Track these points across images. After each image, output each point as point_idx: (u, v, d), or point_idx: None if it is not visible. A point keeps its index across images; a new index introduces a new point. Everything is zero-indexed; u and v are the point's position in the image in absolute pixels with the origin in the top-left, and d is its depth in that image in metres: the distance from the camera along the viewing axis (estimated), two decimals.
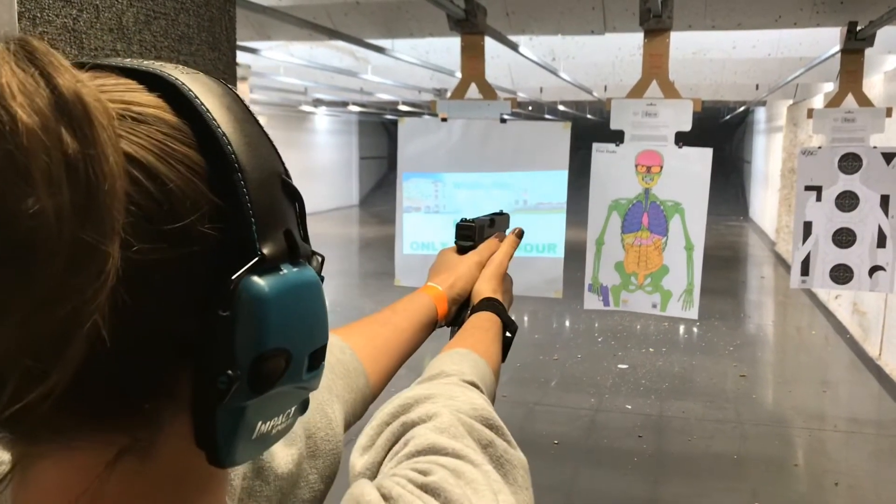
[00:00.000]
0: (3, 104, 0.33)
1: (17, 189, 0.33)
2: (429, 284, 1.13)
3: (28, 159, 0.33)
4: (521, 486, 0.61)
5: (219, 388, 0.42)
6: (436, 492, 0.52)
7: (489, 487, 0.55)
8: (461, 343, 0.95)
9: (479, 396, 0.73)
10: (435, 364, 0.87)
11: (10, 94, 0.34)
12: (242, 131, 0.45)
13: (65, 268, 0.34)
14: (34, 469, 0.43)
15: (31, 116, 0.34)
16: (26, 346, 0.35)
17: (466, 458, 0.58)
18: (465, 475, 0.55)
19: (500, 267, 1.18)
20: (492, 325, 1.05)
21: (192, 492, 0.47)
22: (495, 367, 0.95)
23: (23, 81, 0.35)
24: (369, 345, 0.96)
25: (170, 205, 0.41)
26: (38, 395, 0.36)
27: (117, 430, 0.42)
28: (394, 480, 0.53)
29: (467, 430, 0.64)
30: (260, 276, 0.43)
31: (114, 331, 0.37)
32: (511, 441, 0.66)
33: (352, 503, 0.50)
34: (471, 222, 1.22)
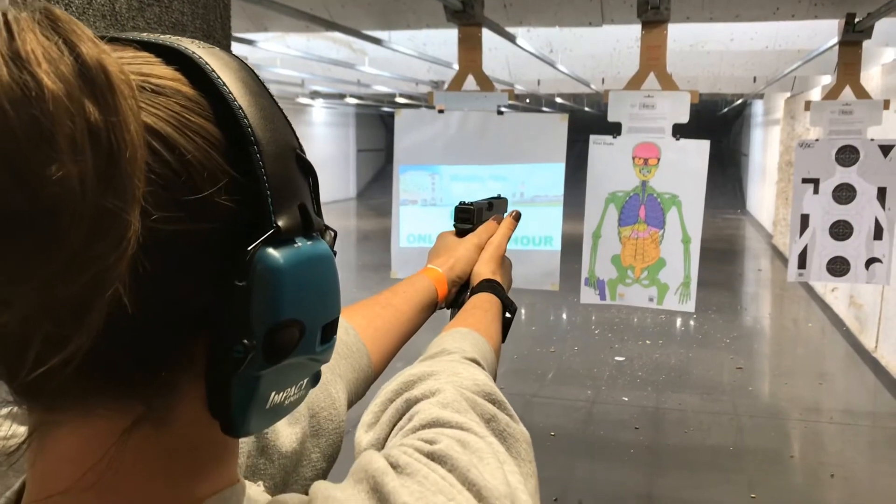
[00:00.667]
0: (29, 70, 0.34)
1: (41, 154, 0.33)
2: (429, 267, 1.15)
3: (53, 125, 0.34)
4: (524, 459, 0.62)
5: (234, 358, 0.43)
6: (442, 459, 0.53)
7: (494, 456, 0.56)
8: (462, 323, 0.96)
9: (481, 372, 0.74)
10: (436, 342, 0.88)
11: (35, 61, 0.34)
12: (258, 105, 0.46)
13: (87, 234, 0.35)
14: (51, 436, 0.43)
15: (56, 83, 0.34)
16: (48, 312, 0.36)
17: (471, 431, 0.59)
18: (471, 445, 0.56)
19: (499, 249, 1.20)
20: (491, 305, 1.06)
21: (206, 461, 0.48)
22: (496, 346, 0.96)
23: (47, 49, 0.35)
24: (370, 326, 0.97)
25: (188, 175, 0.41)
26: (58, 361, 0.37)
27: (134, 398, 0.43)
28: (401, 450, 0.54)
29: (470, 405, 0.64)
30: (275, 248, 0.44)
31: (133, 298, 0.38)
32: (513, 415, 0.66)
33: (360, 471, 0.51)
34: (469, 205, 1.24)
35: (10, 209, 0.34)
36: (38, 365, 0.36)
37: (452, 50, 2.90)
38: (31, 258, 0.34)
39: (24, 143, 0.33)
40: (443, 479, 0.51)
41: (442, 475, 0.51)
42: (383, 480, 0.49)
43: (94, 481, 0.43)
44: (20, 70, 0.34)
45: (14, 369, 0.38)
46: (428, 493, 0.49)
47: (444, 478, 0.51)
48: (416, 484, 0.50)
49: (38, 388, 0.40)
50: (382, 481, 0.49)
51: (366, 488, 0.49)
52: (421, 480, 0.50)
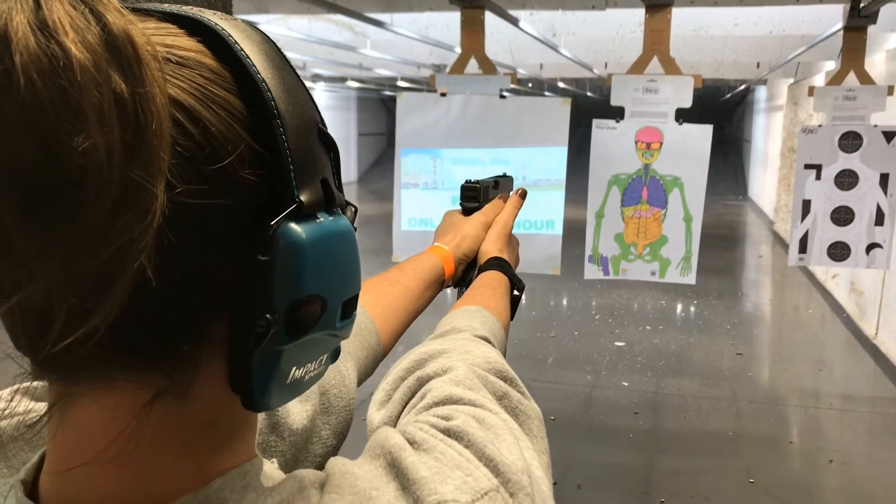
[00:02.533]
0: (57, 40, 0.33)
1: (69, 124, 0.33)
2: (435, 244, 1.14)
3: (80, 95, 0.33)
4: (536, 435, 0.62)
5: (256, 332, 0.43)
6: (458, 435, 0.52)
7: (510, 432, 0.56)
8: (470, 301, 0.96)
9: (491, 350, 0.74)
10: (446, 321, 0.88)
11: (62, 31, 0.34)
12: (281, 78, 0.45)
13: (113, 206, 0.35)
14: (74, 409, 0.43)
15: (84, 53, 0.34)
16: (73, 284, 0.35)
17: (484, 408, 0.59)
18: (486, 421, 0.56)
19: (506, 227, 1.19)
20: (499, 283, 1.06)
21: (226, 435, 0.48)
22: (505, 324, 0.96)
23: (74, 18, 0.34)
24: (379, 304, 0.97)
25: (211, 148, 0.41)
26: (83, 333, 0.36)
27: (156, 371, 0.43)
28: (417, 426, 0.54)
29: (482, 383, 0.64)
30: (298, 222, 0.43)
31: (158, 271, 0.38)
32: (525, 392, 0.66)
33: (377, 447, 0.50)
34: (475, 183, 1.23)
35: (36, 179, 0.34)
36: (62, 337, 0.36)
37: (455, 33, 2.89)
38: (56, 229, 0.34)
39: (51, 113, 0.33)
40: (460, 454, 0.51)
41: (459, 451, 0.51)
42: (401, 456, 0.49)
43: (115, 454, 0.43)
44: (48, 39, 0.33)
45: (38, 342, 0.38)
46: (446, 468, 0.49)
47: (461, 453, 0.51)
48: (433, 459, 0.50)
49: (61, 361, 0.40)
50: (400, 456, 0.49)
51: (383, 464, 0.49)
52: (438, 456, 0.50)
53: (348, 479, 0.47)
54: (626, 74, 2.54)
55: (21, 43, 0.33)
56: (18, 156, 0.33)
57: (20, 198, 0.34)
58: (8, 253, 0.35)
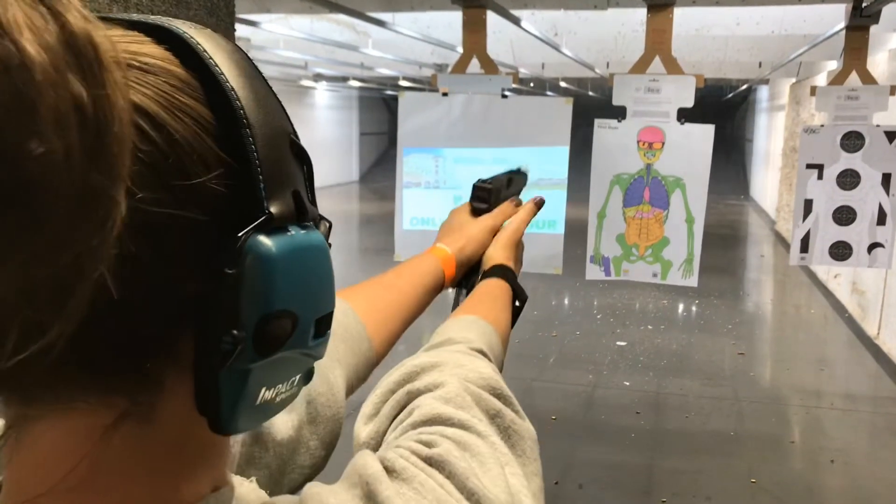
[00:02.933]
0: (11, 38, 0.31)
1: (24, 127, 0.31)
2: (437, 246, 1.10)
3: (36, 96, 0.32)
4: (529, 457, 0.60)
5: (223, 350, 0.41)
6: (440, 464, 0.51)
7: (496, 460, 0.54)
8: (470, 310, 0.93)
9: (487, 365, 0.71)
10: (442, 331, 0.85)
11: (17, 30, 0.32)
12: (251, 87, 0.44)
13: (70, 212, 0.33)
14: (30, 432, 0.42)
15: (40, 53, 0.32)
16: (28, 295, 0.33)
17: (473, 430, 0.57)
18: (471, 447, 0.54)
19: (516, 234, 1.15)
20: (502, 292, 1.02)
21: (193, 461, 0.46)
22: (504, 336, 0.93)
23: (30, 17, 0.33)
24: (373, 308, 0.93)
25: (176, 157, 0.39)
26: (38, 348, 0.34)
27: (117, 392, 0.41)
28: (397, 452, 0.52)
29: (475, 400, 0.62)
30: (267, 235, 0.42)
31: (118, 283, 0.36)
32: (519, 411, 0.64)
33: (354, 475, 0.49)
34: (488, 184, 1.18)
35: None
36: (16, 352, 0.34)
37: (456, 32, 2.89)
38: (9, 237, 0.32)
39: (4, 114, 0.31)
40: (440, 486, 0.49)
41: (440, 482, 0.50)
42: (377, 488, 0.48)
43: (75, 483, 0.41)
44: (1, 38, 0.31)
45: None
46: (424, 501, 0.48)
47: (443, 485, 0.49)
48: (412, 491, 0.48)
49: (16, 378, 0.38)
50: (377, 489, 0.47)
51: (359, 493, 0.48)
52: (417, 487, 0.49)
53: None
54: (627, 74, 2.54)
55: None
56: None
57: None
58: None
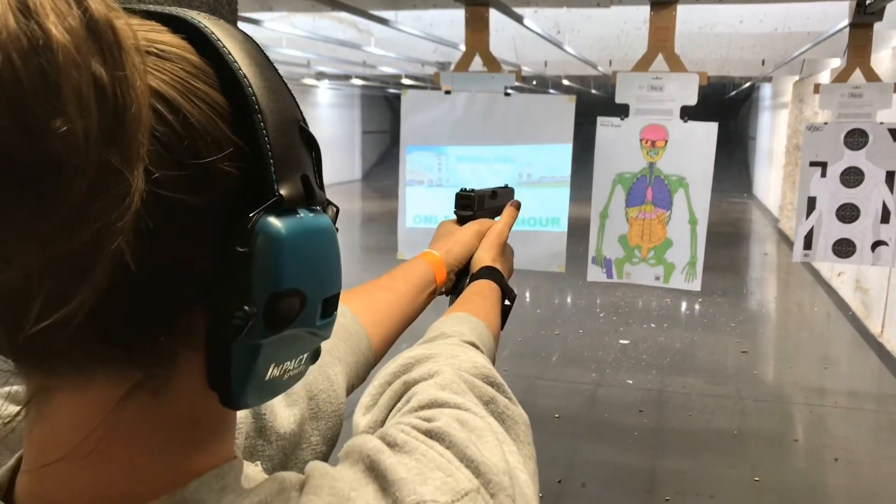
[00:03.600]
0: (37, 21, 0.34)
1: (47, 106, 0.33)
2: (427, 250, 1.14)
3: (60, 77, 0.33)
4: (522, 441, 0.62)
5: (235, 325, 0.43)
6: (440, 436, 0.53)
7: (493, 435, 0.56)
8: (461, 308, 0.96)
9: (479, 355, 0.74)
10: (435, 326, 0.88)
11: (42, 13, 0.34)
12: (263, 75, 0.46)
13: (90, 189, 0.35)
14: (49, 403, 0.43)
15: (64, 35, 0.34)
16: (51, 267, 0.35)
17: (470, 411, 0.59)
18: (469, 423, 0.56)
19: (500, 236, 1.19)
20: (490, 292, 1.05)
21: (204, 434, 0.48)
22: (495, 332, 0.96)
23: (55, 2, 0.35)
24: (370, 309, 0.96)
25: (191, 140, 0.41)
26: (60, 318, 0.36)
27: (132, 365, 0.43)
28: (398, 428, 0.54)
29: (469, 387, 0.64)
30: (277, 216, 0.44)
31: (136, 258, 0.38)
32: (512, 398, 0.66)
33: (354, 454, 0.51)
34: (470, 192, 1.23)
35: (14, 160, 0.34)
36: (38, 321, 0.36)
37: (459, 30, 2.88)
38: (33, 212, 0.34)
39: (30, 93, 0.33)
40: (441, 455, 0.51)
41: (440, 452, 0.51)
42: (379, 458, 0.49)
43: (90, 450, 0.43)
44: (27, 20, 0.33)
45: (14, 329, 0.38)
46: (426, 469, 0.49)
47: (442, 454, 0.51)
48: (413, 460, 0.50)
49: (37, 351, 0.40)
50: (378, 459, 0.49)
51: (361, 468, 0.49)
52: (419, 457, 0.50)
53: (327, 480, 0.47)
54: (630, 72, 2.54)
55: (1, 23, 0.33)
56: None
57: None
58: None
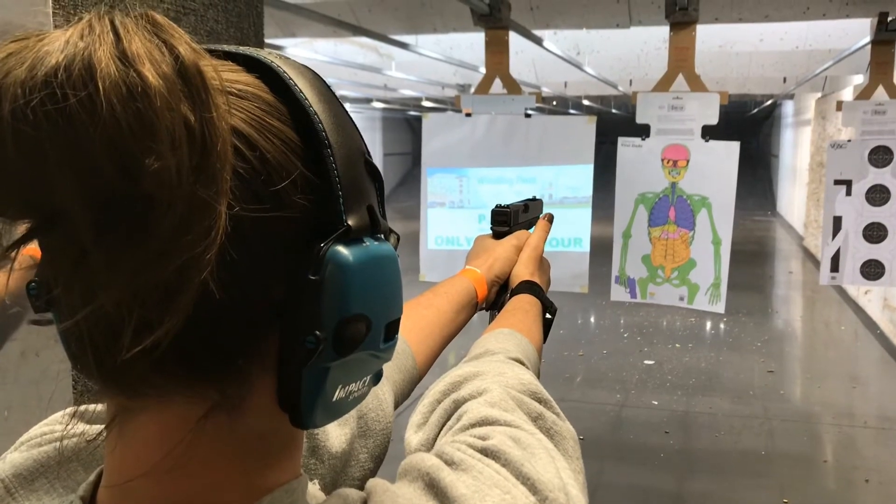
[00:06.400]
0: (135, 69, 0.37)
1: (143, 146, 0.36)
2: (467, 268, 1.15)
3: (155, 119, 0.37)
4: (571, 456, 0.63)
5: (306, 349, 0.45)
6: (495, 454, 0.54)
7: (546, 451, 0.57)
8: (503, 324, 0.97)
9: (525, 372, 0.75)
10: (480, 343, 0.89)
11: (140, 61, 0.38)
12: (332, 112, 0.48)
13: (180, 223, 0.38)
14: (132, 423, 0.46)
15: (158, 81, 0.37)
16: (141, 296, 0.38)
17: (520, 428, 0.60)
18: (522, 441, 0.57)
19: (536, 250, 1.20)
20: (532, 306, 1.07)
21: (274, 452, 0.49)
22: (538, 346, 0.97)
23: (150, 50, 0.38)
24: (414, 327, 0.98)
25: (267, 174, 0.44)
26: (148, 344, 0.39)
27: (210, 386, 0.45)
28: (454, 446, 0.55)
29: (517, 404, 0.66)
30: (345, 245, 0.46)
31: (219, 287, 0.40)
32: (560, 413, 0.68)
33: (413, 471, 0.52)
34: (506, 208, 1.24)
35: (111, 195, 0.37)
36: (129, 348, 0.39)
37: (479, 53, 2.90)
38: (128, 244, 0.37)
39: (128, 134, 0.36)
40: (497, 473, 0.52)
41: (496, 470, 0.52)
42: (439, 476, 0.51)
43: (171, 466, 0.45)
44: (127, 68, 0.37)
45: (103, 355, 0.41)
46: (484, 486, 0.50)
47: (499, 472, 0.52)
48: (471, 478, 0.51)
49: (124, 375, 0.42)
50: (438, 476, 0.51)
51: (421, 486, 0.51)
52: (476, 475, 0.51)
53: (389, 496, 0.49)
54: (651, 92, 2.54)
55: (104, 71, 0.37)
56: (98, 174, 0.37)
57: (97, 213, 0.37)
58: (83, 265, 0.38)
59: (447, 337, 1.03)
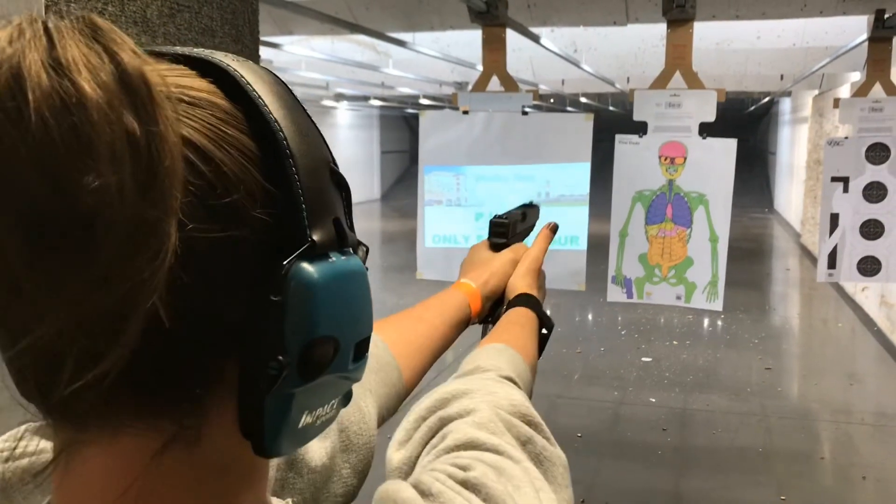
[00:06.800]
0: (70, 78, 0.33)
1: (80, 163, 0.33)
2: (462, 281, 1.11)
3: (92, 133, 0.33)
4: (560, 484, 0.60)
5: (269, 375, 0.42)
6: (476, 488, 0.51)
7: (531, 484, 0.55)
8: (497, 338, 0.94)
9: (517, 392, 0.72)
10: (471, 359, 0.86)
11: (75, 69, 0.34)
12: (293, 118, 0.45)
13: (124, 245, 0.34)
14: (79, 457, 0.42)
15: (97, 91, 0.34)
16: (84, 325, 0.35)
17: (506, 454, 0.57)
18: (506, 471, 0.55)
19: (535, 262, 1.16)
20: (527, 321, 1.03)
21: (237, 482, 0.47)
22: (532, 363, 0.94)
23: (87, 57, 0.35)
24: (402, 340, 0.94)
25: (223, 188, 0.41)
26: (94, 376, 0.36)
27: (165, 417, 0.42)
28: (433, 476, 0.52)
29: (506, 427, 0.63)
30: (310, 262, 0.43)
31: (170, 312, 0.37)
32: (550, 438, 0.65)
33: (388, 500, 0.50)
34: (504, 218, 1.20)
35: (46, 217, 0.33)
36: (73, 380, 0.36)
37: (476, 51, 2.90)
38: (66, 269, 0.34)
39: (62, 150, 0.33)
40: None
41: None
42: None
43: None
44: (60, 77, 0.33)
45: (47, 386, 0.37)
46: None
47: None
48: None
49: (69, 406, 0.39)
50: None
51: None
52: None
53: None
54: (648, 89, 2.54)
55: (34, 80, 0.33)
56: (28, 193, 0.33)
57: (30, 236, 0.34)
58: (17, 293, 0.34)
59: (437, 352, 0.99)
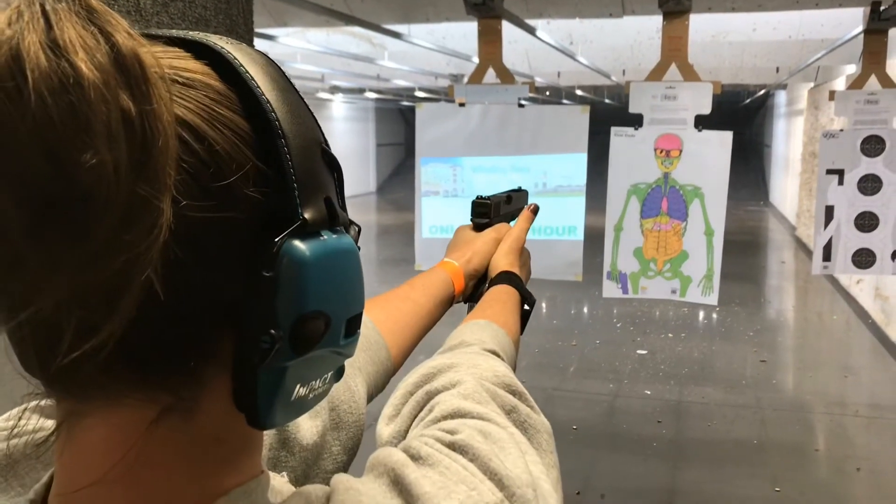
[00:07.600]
0: (67, 58, 0.35)
1: (77, 141, 0.34)
2: (445, 260, 1.14)
3: (89, 112, 0.34)
4: (545, 450, 0.62)
5: (261, 348, 0.43)
6: (463, 449, 0.53)
7: (516, 447, 0.56)
8: (480, 315, 0.96)
9: (500, 364, 0.74)
10: (455, 335, 0.88)
11: (73, 50, 0.35)
12: (285, 99, 0.46)
13: (119, 220, 0.36)
14: (80, 427, 0.44)
15: (93, 71, 0.35)
16: (80, 298, 0.36)
17: (492, 421, 0.59)
18: (492, 435, 0.56)
19: (517, 241, 1.19)
20: (509, 297, 1.05)
21: (232, 453, 0.48)
22: (515, 338, 0.96)
23: (84, 38, 0.36)
24: (389, 319, 0.96)
25: (216, 166, 0.42)
26: (90, 348, 0.37)
27: (162, 389, 0.43)
28: (422, 440, 0.54)
29: (491, 396, 0.64)
30: (301, 240, 0.44)
31: (165, 286, 0.39)
32: (534, 406, 0.67)
33: (379, 466, 0.51)
34: (486, 199, 1.22)
35: (46, 194, 0.34)
36: (71, 351, 0.37)
37: (472, 43, 2.90)
38: (65, 243, 0.35)
39: (60, 129, 0.34)
40: (464, 468, 0.51)
41: (463, 465, 0.51)
42: (403, 472, 0.49)
43: (121, 473, 0.44)
44: (58, 58, 0.34)
45: (47, 357, 0.39)
46: (450, 482, 0.50)
47: (466, 467, 0.51)
48: (437, 474, 0.50)
49: (68, 378, 0.41)
50: (403, 473, 0.49)
51: (386, 482, 0.50)
52: (442, 471, 0.50)
53: (352, 494, 0.48)
54: (644, 82, 2.54)
55: (32, 61, 0.34)
56: (29, 171, 0.34)
57: (30, 212, 0.35)
58: (18, 267, 0.36)
59: (423, 329, 1.02)
